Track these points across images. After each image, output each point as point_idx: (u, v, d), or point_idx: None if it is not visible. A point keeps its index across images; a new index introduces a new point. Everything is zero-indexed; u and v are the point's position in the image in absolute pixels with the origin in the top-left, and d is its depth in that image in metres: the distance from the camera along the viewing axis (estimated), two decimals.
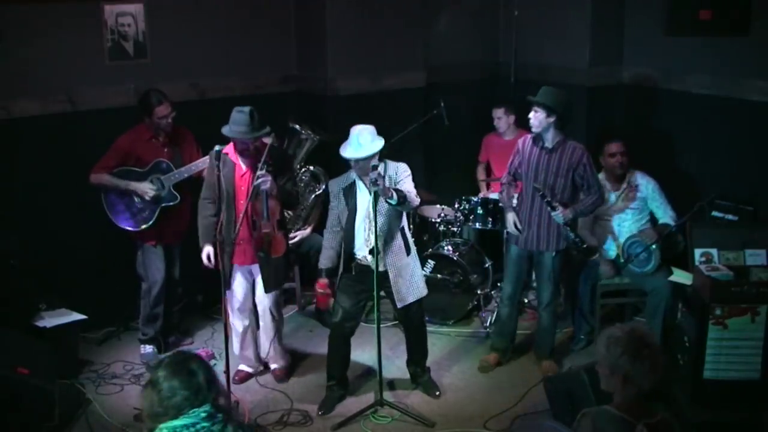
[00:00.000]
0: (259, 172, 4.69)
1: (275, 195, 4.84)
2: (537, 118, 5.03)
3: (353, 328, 5.05)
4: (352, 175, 4.84)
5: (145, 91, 5.36)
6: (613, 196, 5.61)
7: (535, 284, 5.75)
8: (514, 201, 5.33)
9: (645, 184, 5.60)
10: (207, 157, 5.20)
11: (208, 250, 4.95)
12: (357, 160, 4.69)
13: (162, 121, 5.27)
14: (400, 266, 4.88)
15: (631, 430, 2.90)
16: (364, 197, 4.82)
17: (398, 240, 4.88)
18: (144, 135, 5.35)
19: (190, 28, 6.12)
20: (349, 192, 4.84)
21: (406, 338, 5.20)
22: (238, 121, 4.75)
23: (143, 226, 5.34)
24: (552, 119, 5.00)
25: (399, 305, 4.93)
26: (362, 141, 4.68)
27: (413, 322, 5.10)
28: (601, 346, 3.02)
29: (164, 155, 5.36)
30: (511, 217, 5.21)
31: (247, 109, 4.74)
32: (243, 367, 5.37)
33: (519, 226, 5.18)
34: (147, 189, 5.27)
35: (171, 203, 5.35)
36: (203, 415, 2.65)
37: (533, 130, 5.10)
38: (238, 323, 5.24)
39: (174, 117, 5.32)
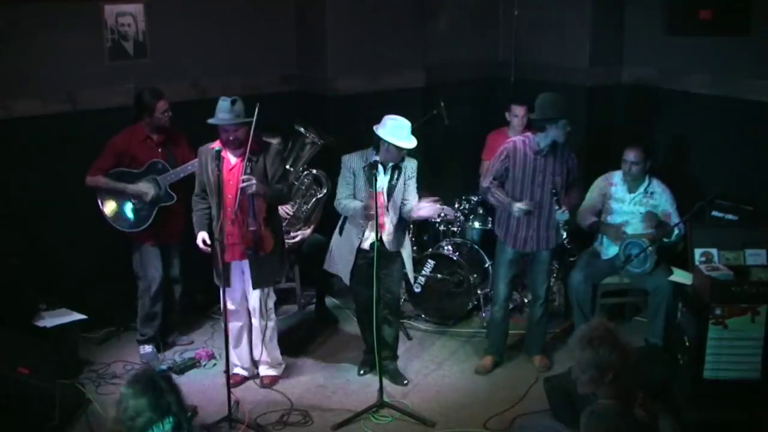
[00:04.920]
0: (242, 177, 4.75)
1: (263, 196, 4.85)
2: (559, 132, 5.09)
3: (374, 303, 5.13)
4: (373, 156, 4.96)
5: (139, 91, 5.34)
6: (627, 197, 5.61)
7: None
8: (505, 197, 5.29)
9: (660, 193, 5.57)
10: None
11: (202, 235, 4.93)
12: (401, 149, 4.93)
13: (164, 115, 5.27)
14: (408, 249, 5.23)
15: (633, 417, 3.01)
16: (382, 181, 4.97)
17: (403, 225, 5.18)
18: (139, 135, 5.32)
19: (190, 27, 6.12)
20: (371, 172, 4.94)
21: (389, 324, 5.29)
22: (219, 108, 4.82)
23: (141, 227, 5.32)
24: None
25: (413, 281, 5.39)
26: (409, 134, 4.95)
27: (396, 305, 5.36)
28: (587, 350, 3.04)
29: (158, 155, 5.33)
30: (516, 205, 5.15)
31: (231, 98, 4.81)
32: (237, 369, 5.33)
33: (527, 206, 5.15)
34: (145, 191, 5.25)
35: (168, 203, 5.34)
36: (168, 428, 2.66)
37: (540, 143, 5.13)
38: (232, 323, 5.22)
39: (170, 114, 5.30)
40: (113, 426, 2.71)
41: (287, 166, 5.67)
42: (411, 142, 4.95)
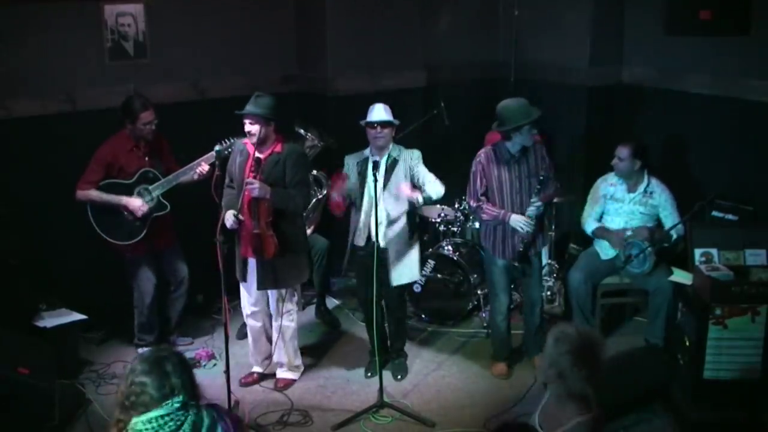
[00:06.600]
0: (247, 179, 4.77)
1: (268, 200, 4.81)
2: (525, 137, 5.06)
3: (378, 300, 5.27)
4: (366, 152, 5.12)
5: (128, 97, 5.29)
6: (627, 197, 5.60)
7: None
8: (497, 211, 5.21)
9: (659, 193, 5.54)
10: (194, 163, 5.19)
11: (231, 212, 4.82)
12: (382, 123, 5.01)
13: (146, 127, 5.19)
14: (401, 248, 5.16)
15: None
16: (380, 177, 5.00)
17: (402, 222, 5.12)
18: (126, 144, 5.24)
19: (190, 28, 6.12)
20: (363, 166, 5.08)
21: (387, 321, 5.40)
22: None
23: (136, 239, 5.26)
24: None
25: (394, 284, 5.19)
26: (385, 111, 5.07)
27: (394, 302, 5.33)
28: (551, 337, 3.09)
29: (146, 164, 5.27)
30: (515, 217, 5.11)
31: (262, 93, 4.87)
32: (256, 368, 5.33)
33: (527, 221, 5.09)
34: (139, 205, 5.18)
35: (161, 212, 5.28)
36: (177, 405, 2.72)
37: (510, 149, 5.11)
38: (249, 322, 5.23)
39: (156, 124, 5.23)
40: (120, 398, 2.75)
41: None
42: (379, 116, 5.00)
